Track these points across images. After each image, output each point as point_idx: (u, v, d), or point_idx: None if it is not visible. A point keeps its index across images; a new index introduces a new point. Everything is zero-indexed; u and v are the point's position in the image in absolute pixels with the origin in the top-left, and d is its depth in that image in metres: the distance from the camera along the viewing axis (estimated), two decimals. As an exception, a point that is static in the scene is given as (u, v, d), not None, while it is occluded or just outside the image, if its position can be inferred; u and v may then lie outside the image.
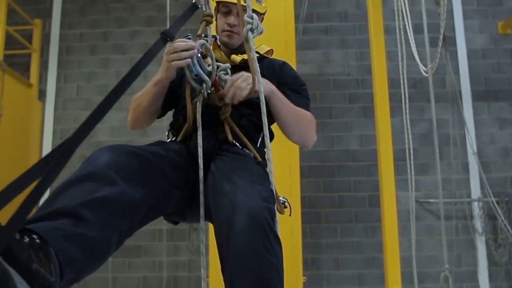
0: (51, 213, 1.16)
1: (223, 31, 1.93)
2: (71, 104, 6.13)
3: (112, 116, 5.48)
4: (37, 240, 1.06)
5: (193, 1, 1.80)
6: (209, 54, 1.71)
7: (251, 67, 1.62)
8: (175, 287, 5.57)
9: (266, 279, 1.28)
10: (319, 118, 5.93)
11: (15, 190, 0.98)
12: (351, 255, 5.66)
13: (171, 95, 1.86)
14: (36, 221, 1.13)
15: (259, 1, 1.78)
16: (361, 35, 6.05)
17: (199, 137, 1.65)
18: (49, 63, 6.24)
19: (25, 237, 1.04)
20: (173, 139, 1.80)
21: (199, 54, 1.66)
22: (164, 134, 1.96)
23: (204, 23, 1.80)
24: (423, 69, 3.25)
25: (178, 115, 1.86)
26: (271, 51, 2.10)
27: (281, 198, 1.66)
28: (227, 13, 1.92)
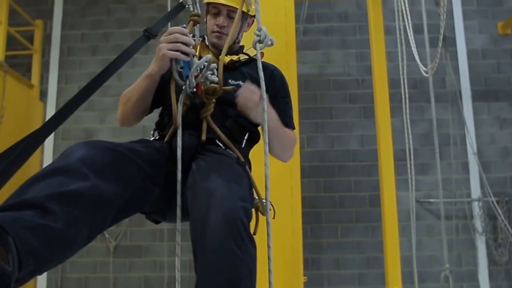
0: (17, 203, 1.16)
1: (213, 32, 1.92)
2: (72, 104, 6.14)
3: (112, 116, 5.50)
4: None
5: (180, 0, 1.81)
6: (195, 55, 1.72)
7: (262, 89, 1.61)
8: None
9: (237, 278, 1.28)
10: (320, 118, 5.99)
11: None
12: (352, 255, 5.67)
13: (159, 89, 1.85)
14: (1, 211, 1.14)
15: (249, 2, 1.78)
16: (361, 36, 6.07)
17: (179, 138, 1.65)
18: (50, 64, 6.26)
19: None
20: (157, 138, 1.80)
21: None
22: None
23: (191, 22, 1.80)
24: (423, 69, 3.26)
25: (163, 114, 1.87)
26: (262, 54, 2.08)
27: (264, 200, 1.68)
28: (216, 14, 1.91)
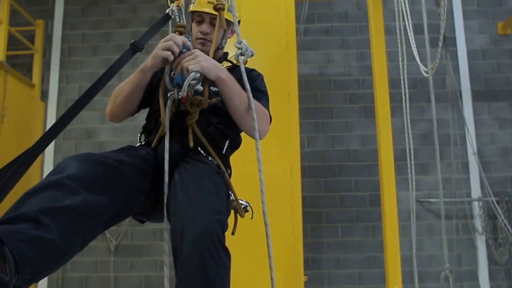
0: (13, 217, 1.25)
1: (197, 38, 2.00)
2: (73, 104, 6.15)
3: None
4: None
5: (166, 11, 1.90)
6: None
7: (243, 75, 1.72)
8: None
9: (211, 286, 1.38)
10: (320, 118, 6.00)
11: None
12: (352, 255, 5.68)
13: (149, 89, 1.91)
14: None
15: (231, 11, 1.82)
16: (362, 36, 6.07)
17: (166, 143, 1.73)
18: (51, 64, 6.27)
19: None
20: (143, 143, 1.90)
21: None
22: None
23: (177, 33, 1.87)
24: (423, 69, 3.26)
25: (150, 118, 1.94)
26: (245, 62, 2.17)
27: (243, 202, 1.80)
28: (200, 22, 2.00)
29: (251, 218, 1.79)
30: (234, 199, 1.70)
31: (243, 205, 1.79)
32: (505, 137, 5.90)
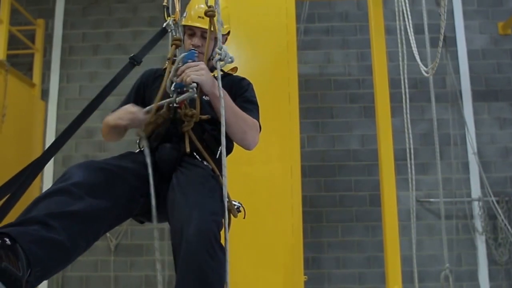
0: (24, 220, 1.38)
1: (189, 50, 2.09)
2: (74, 103, 6.16)
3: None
4: (8, 242, 1.26)
5: (163, 25, 2.01)
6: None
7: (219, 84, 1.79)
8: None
9: (209, 283, 1.51)
10: (320, 118, 6.00)
11: None
12: (352, 254, 5.68)
13: (143, 102, 2.06)
14: (10, 226, 1.35)
15: (218, 21, 1.90)
16: (362, 36, 6.07)
17: (146, 148, 1.82)
18: (51, 63, 6.27)
19: None
20: (142, 149, 1.98)
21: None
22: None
23: (173, 46, 2.04)
24: (423, 69, 3.26)
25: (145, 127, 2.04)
26: (235, 69, 2.30)
27: (236, 203, 1.93)
28: (192, 35, 2.13)
29: (244, 217, 1.92)
30: (228, 200, 1.78)
31: (236, 206, 1.90)
32: (505, 137, 5.90)
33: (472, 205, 5.75)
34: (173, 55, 2.03)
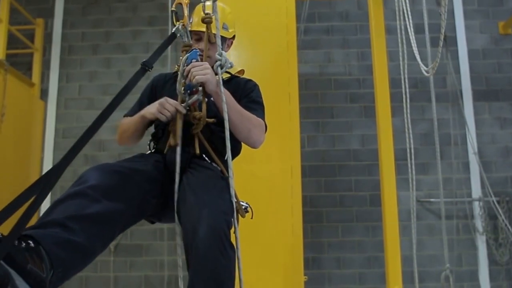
0: (45, 223, 1.43)
1: (191, 50, 2.12)
2: (73, 103, 6.15)
3: (115, 115, 5.47)
4: (32, 244, 1.31)
5: (172, 30, 2.04)
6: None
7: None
8: (176, 286, 5.57)
9: (220, 279, 1.56)
10: (320, 117, 5.99)
11: (15, 206, 1.22)
12: (352, 255, 5.67)
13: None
14: (32, 229, 1.39)
15: (225, 27, 1.96)
16: (362, 35, 6.06)
17: (178, 156, 1.88)
18: (51, 63, 6.26)
19: (22, 242, 1.29)
20: (153, 150, 2.09)
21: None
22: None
23: (184, 53, 2.05)
24: (424, 69, 3.25)
25: (158, 127, 2.12)
26: (242, 71, 2.38)
27: (244, 203, 1.97)
28: (198, 40, 2.20)
29: (251, 218, 1.97)
30: (236, 201, 1.82)
31: (243, 206, 1.95)
32: (505, 137, 5.89)
33: (472, 205, 5.74)
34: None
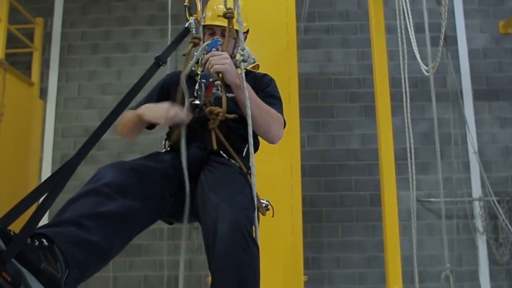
0: (59, 221, 1.38)
1: (213, 39, 2.11)
2: (73, 102, 6.14)
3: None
4: (45, 243, 1.24)
5: (186, 25, 2.04)
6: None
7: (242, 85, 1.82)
8: (176, 286, 5.57)
9: (244, 277, 1.50)
10: (320, 117, 5.98)
11: (26, 204, 1.17)
12: (352, 254, 5.67)
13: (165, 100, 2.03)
14: (45, 228, 1.34)
15: (239, 22, 1.92)
16: (362, 34, 6.06)
17: (183, 150, 1.81)
18: (50, 62, 6.25)
19: (35, 241, 1.22)
20: (168, 149, 2.02)
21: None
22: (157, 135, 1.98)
23: (191, 44, 2.07)
24: (424, 68, 3.24)
25: (171, 126, 2.04)
26: (257, 66, 2.34)
27: (264, 201, 1.92)
28: (212, 35, 2.15)
29: (272, 216, 1.92)
30: (256, 198, 1.78)
31: (264, 204, 1.90)
32: (506, 136, 5.89)
33: (473, 204, 5.73)
34: (190, 52, 2.06)
